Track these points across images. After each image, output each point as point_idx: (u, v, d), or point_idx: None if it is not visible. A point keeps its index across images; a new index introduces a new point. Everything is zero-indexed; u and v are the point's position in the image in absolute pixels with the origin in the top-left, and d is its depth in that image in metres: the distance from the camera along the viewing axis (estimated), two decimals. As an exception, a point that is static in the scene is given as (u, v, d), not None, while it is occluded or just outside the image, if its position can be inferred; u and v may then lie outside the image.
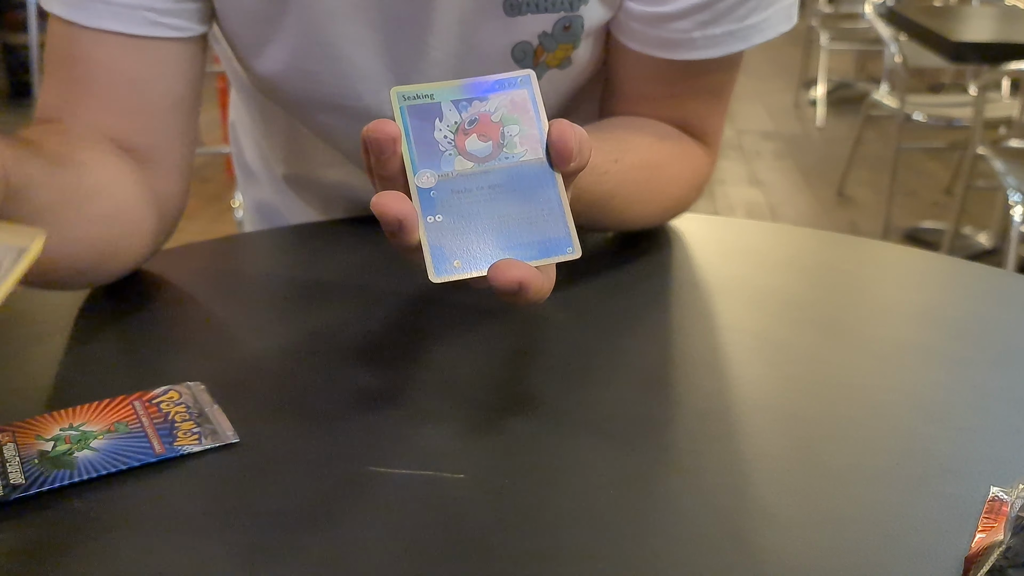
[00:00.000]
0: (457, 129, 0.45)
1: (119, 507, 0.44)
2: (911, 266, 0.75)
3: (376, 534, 0.42)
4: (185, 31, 0.64)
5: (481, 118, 0.46)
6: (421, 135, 0.45)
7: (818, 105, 4.71)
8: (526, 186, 0.45)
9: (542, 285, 0.43)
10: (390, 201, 0.42)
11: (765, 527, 0.43)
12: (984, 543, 0.41)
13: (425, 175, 0.44)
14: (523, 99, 0.46)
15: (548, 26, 0.67)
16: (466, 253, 0.43)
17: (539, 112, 0.46)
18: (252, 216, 0.93)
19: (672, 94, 0.72)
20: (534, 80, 0.47)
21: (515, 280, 0.42)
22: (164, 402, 0.51)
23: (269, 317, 0.64)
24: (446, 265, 0.43)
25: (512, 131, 0.46)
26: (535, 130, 0.46)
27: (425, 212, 0.44)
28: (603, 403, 0.53)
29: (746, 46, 0.68)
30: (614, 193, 0.65)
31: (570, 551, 0.41)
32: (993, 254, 2.78)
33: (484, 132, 0.46)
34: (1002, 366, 0.57)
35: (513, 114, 0.46)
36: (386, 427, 0.50)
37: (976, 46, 2.44)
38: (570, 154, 0.45)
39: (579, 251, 0.45)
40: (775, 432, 0.50)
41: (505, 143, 0.46)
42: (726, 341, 0.60)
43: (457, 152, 0.45)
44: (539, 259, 0.44)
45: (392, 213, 0.42)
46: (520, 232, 0.44)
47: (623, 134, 0.70)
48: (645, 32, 0.68)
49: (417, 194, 0.44)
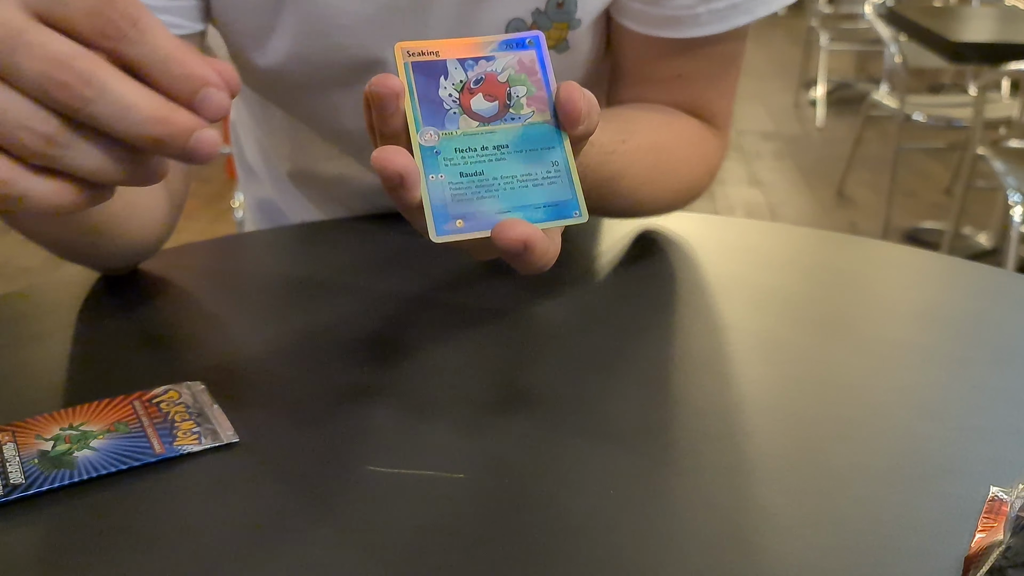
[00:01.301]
0: (463, 88, 0.44)
1: (119, 507, 0.44)
2: (911, 266, 0.75)
3: (376, 534, 0.42)
4: (181, 28, 0.64)
5: (487, 77, 0.44)
6: (426, 92, 0.43)
7: (818, 105, 4.71)
8: (533, 147, 0.43)
9: (547, 248, 0.41)
10: (391, 155, 0.40)
11: (765, 527, 0.43)
12: (984, 543, 0.41)
13: (429, 133, 0.43)
14: (531, 60, 0.45)
15: (541, 3, 0.67)
16: (469, 213, 0.42)
17: (548, 73, 0.45)
18: (253, 214, 0.94)
19: (679, 75, 0.72)
20: (543, 40, 0.45)
21: (520, 239, 0.40)
22: (164, 402, 0.51)
23: (269, 317, 0.64)
24: (448, 224, 0.41)
25: (519, 92, 0.44)
26: (543, 91, 0.44)
27: (428, 171, 0.42)
28: (603, 402, 0.53)
29: (750, 19, 0.68)
30: (622, 174, 0.65)
31: (570, 551, 0.41)
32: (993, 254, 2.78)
33: (490, 92, 0.44)
34: (1002, 366, 0.57)
35: (521, 74, 0.45)
36: (386, 427, 0.50)
37: (976, 46, 2.45)
38: (578, 115, 0.43)
39: (586, 215, 0.43)
40: (775, 432, 0.50)
41: (512, 103, 0.44)
42: (726, 341, 0.60)
43: (462, 111, 0.43)
44: (545, 221, 0.42)
45: (393, 167, 0.40)
46: (526, 193, 0.42)
47: (632, 115, 0.70)
48: (647, 11, 0.68)
49: (420, 152, 0.42)
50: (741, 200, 3.50)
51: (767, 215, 3.37)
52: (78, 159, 0.34)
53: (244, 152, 0.93)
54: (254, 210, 0.93)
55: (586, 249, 0.74)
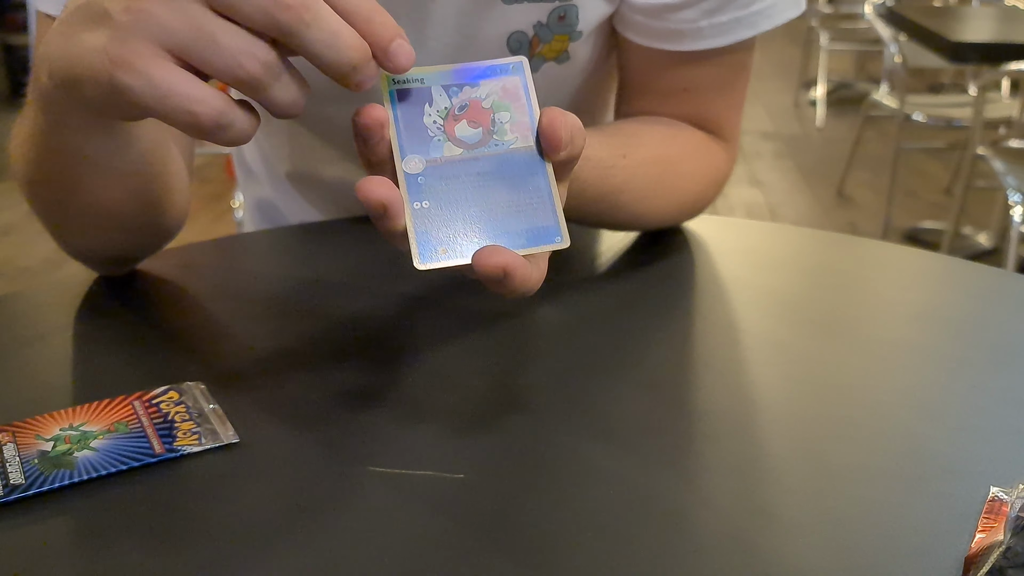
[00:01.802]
0: (447, 114, 0.45)
1: (119, 507, 0.44)
2: (911, 266, 0.75)
3: (376, 534, 0.42)
4: None
5: (472, 104, 0.45)
6: (410, 120, 0.44)
7: (818, 105, 4.72)
8: (515, 174, 0.44)
9: (528, 274, 0.42)
10: (374, 187, 0.41)
11: (765, 527, 0.43)
12: (984, 543, 0.41)
13: (413, 161, 0.43)
14: (515, 86, 0.46)
15: (543, 15, 0.67)
16: (452, 240, 0.43)
17: (531, 99, 0.46)
18: (252, 215, 0.94)
19: (684, 87, 0.72)
20: (527, 66, 0.46)
21: (499, 266, 0.41)
22: (164, 402, 0.51)
23: (269, 317, 0.64)
24: (431, 252, 0.42)
25: (503, 118, 0.45)
26: (526, 117, 0.45)
27: (412, 198, 0.43)
28: (602, 403, 0.53)
29: (754, 32, 0.68)
30: (623, 188, 0.64)
31: (570, 551, 0.41)
32: (993, 254, 2.78)
33: (474, 118, 0.45)
34: (1001, 366, 0.57)
35: (504, 100, 0.45)
36: (386, 427, 0.50)
37: (976, 46, 2.45)
38: (559, 142, 0.44)
39: (567, 241, 0.44)
40: (775, 432, 0.50)
41: (495, 130, 0.45)
42: (726, 341, 0.60)
43: (446, 138, 0.44)
44: (526, 248, 0.43)
45: (376, 198, 0.41)
46: (507, 220, 0.43)
47: (634, 129, 0.70)
48: (650, 25, 0.68)
49: (404, 179, 0.43)
50: (741, 200, 3.51)
51: (767, 215, 3.37)
52: (278, 89, 0.40)
53: (243, 152, 0.93)
54: (253, 211, 0.93)
55: (586, 250, 0.74)
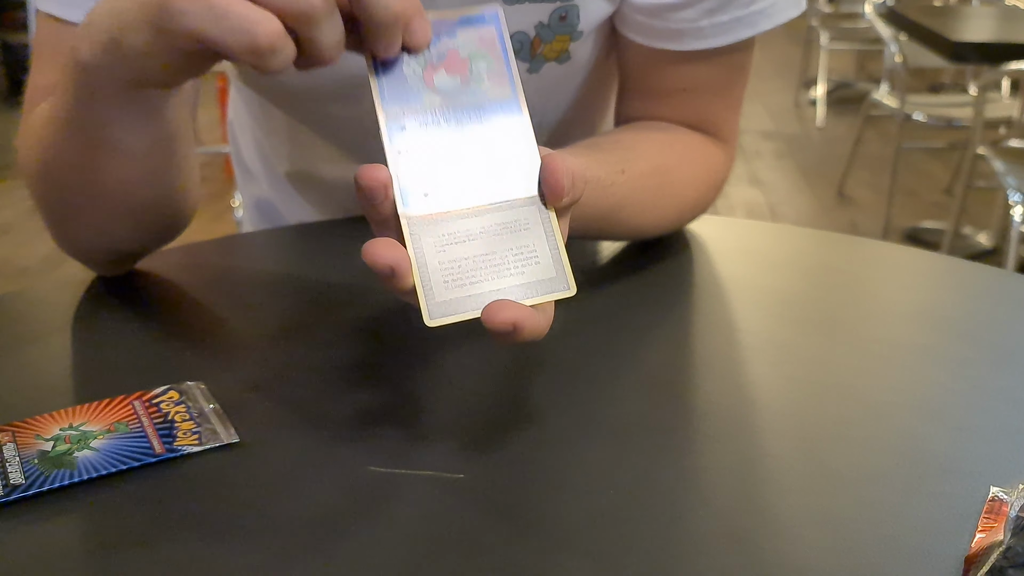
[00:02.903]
0: (426, 64, 0.46)
1: (119, 507, 0.44)
2: (911, 266, 0.75)
3: (376, 533, 0.42)
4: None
5: (450, 54, 0.46)
6: (390, 70, 0.45)
7: (818, 105, 4.72)
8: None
9: (537, 323, 0.43)
10: (381, 250, 0.42)
11: (765, 527, 0.43)
12: (984, 543, 0.41)
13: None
14: (491, 35, 0.47)
15: (544, 16, 0.67)
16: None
17: (507, 48, 0.47)
18: (251, 214, 0.93)
19: (684, 88, 0.72)
20: (501, 16, 0.47)
21: (508, 321, 0.42)
22: (164, 402, 0.51)
23: (269, 317, 0.64)
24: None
25: (480, 66, 0.46)
26: (503, 66, 0.46)
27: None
28: (602, 403, 0.53)
29: (754, 32, 0.68)
30: (622, 204, 0.64)
31: (570, 551, 0.41)
32: (993, 254, 2.78)
33: (452, 68, 0.46)
34: (1002, 366, 0.57)
35: (481, 49, 0.46)
36: (386, 427, 0.50)
37: (976, 46, 2.45)
38: (562, 190, 0.45)
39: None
40: (775, 432, 0.50)
41: (473, 78, 0.46)
42: (726, 341, 0.60)
43: (425, 86, 0.46)
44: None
45: (384, 261, 0.42)
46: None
47: (631, 142, 0.69)
48: (651, 24, 0.68)
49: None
50: (741, 200, 3.51)
51: (767, 215, 3.37)
52: (327, 27, 0.42)
53: (241, 152, 0.93)
54: (252, 211, 0.93)
55: (585, 251, 0.74)
